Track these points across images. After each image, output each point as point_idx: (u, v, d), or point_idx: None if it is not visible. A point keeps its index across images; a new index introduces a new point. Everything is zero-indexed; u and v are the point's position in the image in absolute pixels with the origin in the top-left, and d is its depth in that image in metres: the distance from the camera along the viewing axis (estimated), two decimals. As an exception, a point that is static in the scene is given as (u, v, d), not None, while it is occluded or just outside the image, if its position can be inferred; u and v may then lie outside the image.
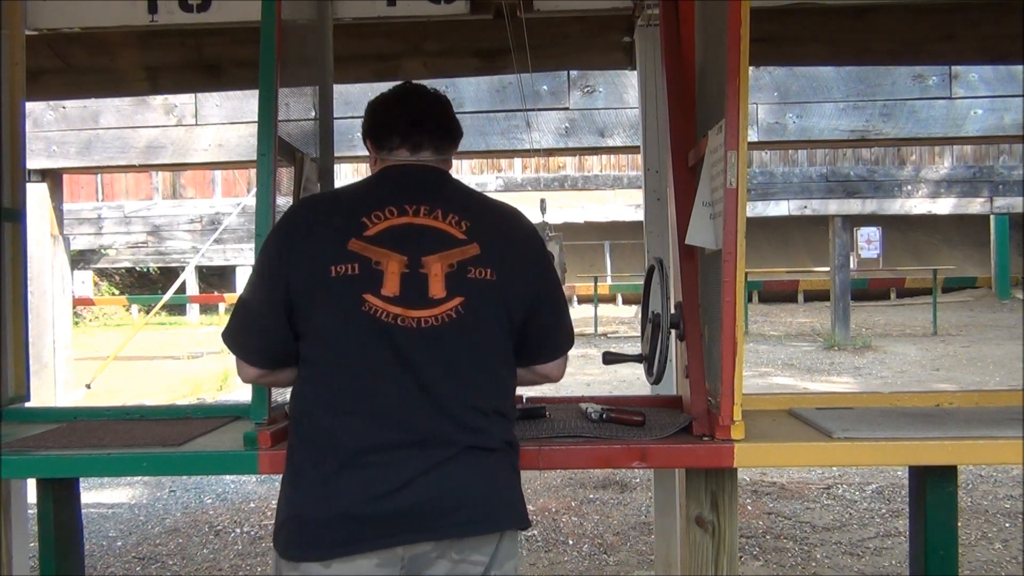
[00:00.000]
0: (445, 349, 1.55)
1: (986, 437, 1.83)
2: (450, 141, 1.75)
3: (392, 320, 1.54)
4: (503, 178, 11.35)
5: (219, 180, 13.12)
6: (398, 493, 1.49)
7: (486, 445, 1.57)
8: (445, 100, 1.78)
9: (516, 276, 1.63)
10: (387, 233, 1.59)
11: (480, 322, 1.58)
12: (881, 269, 17.02)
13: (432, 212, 1.62)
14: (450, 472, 1.53)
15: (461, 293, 1.57)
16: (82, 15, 2.94)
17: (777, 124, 5.56)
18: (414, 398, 1.53)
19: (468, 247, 1.60)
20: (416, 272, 1.57)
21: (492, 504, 1.57)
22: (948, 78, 5.33)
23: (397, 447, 1.51)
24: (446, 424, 1.54)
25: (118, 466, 1.94)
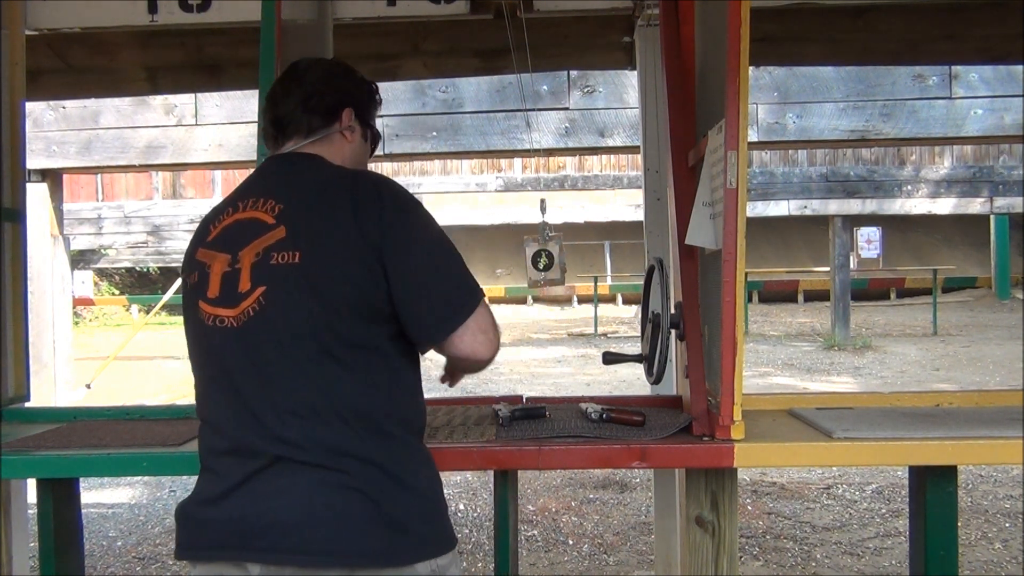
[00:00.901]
0: (254, 346, 1.43)
1: (986, 437, 1.83)
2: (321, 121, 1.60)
3: (213, 323, 1.47)
4: (503, 178, 11.35)
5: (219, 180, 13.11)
6: (223, 501, 1.42)
7: (298, 458, 1.39)
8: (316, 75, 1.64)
9: (333, 254, 1.42)
10: (221, 234, 1.52)
11: (285, 312, 1.42)
12: (881, 269, 17.02)
13: (256, 203, 1.51)
14: (267, 485, 1.40)
15: (263, 282, 1.43)
16: (82, 15, 2.93)
17: (777, 124, 5.56)
18: (228, 403, 1.45)
19: (275, 231, 1.46)
20: (233, 268, 1.47)
21: (317, 532, 1.37)
22: (948, 78, 5.33)
23: (223, 453, 1.45)
24: (257, 431, 1.41)
25: (118, 466, 1.94)
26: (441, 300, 1.46)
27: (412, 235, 1.47)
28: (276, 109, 1.62)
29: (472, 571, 4.02)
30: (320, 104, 1.60)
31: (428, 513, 1.47)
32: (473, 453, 1.82)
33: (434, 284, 1.46)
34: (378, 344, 1.45)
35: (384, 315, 1.45)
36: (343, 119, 1.62)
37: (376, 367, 1.45)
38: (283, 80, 1.66)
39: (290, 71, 1.67)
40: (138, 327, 14.08)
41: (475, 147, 5.57)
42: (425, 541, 1.44)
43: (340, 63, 1.72)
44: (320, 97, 1.61)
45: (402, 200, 1.49)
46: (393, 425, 1.46)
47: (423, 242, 1.48)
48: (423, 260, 1.47)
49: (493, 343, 1.50)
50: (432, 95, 5.36)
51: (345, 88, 1.65)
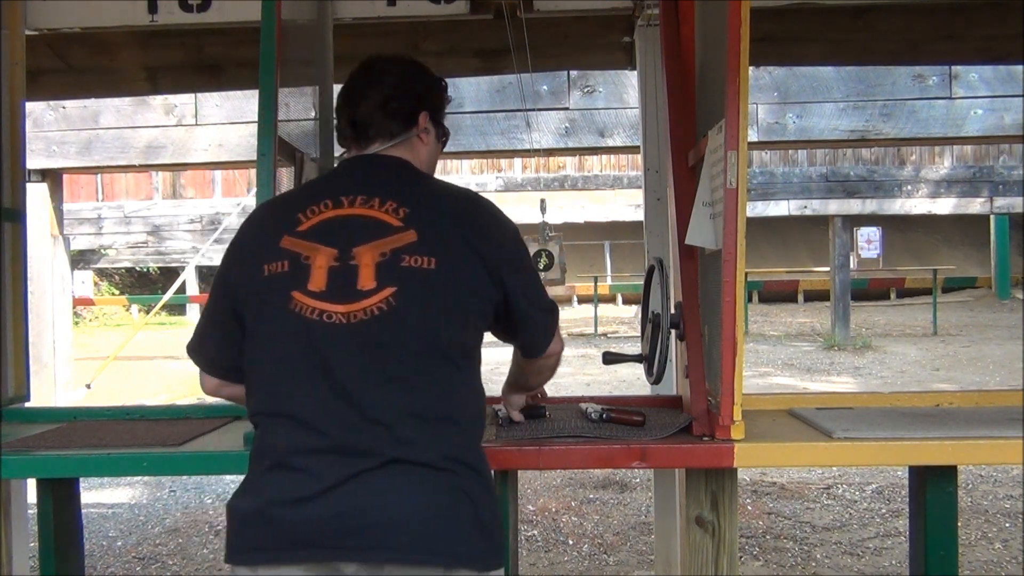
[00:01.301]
0: (375, 345, 1.41)
1: (986, 437, 1.83)
2: (402, 126, 1.63)
3: (317, 317, 1.43)
4: (503, 178, 11.36)
5: (219, 180, 13.13)
6: (316, 500, 1.37)
7: (418, 459, 1.39)
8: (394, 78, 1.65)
9: (465, 264, 1.48)
10: (320, 226, 1.49)
11: (416, 314, 1.43)
12: (881, 269, 17.02)
13: (368, 201, 1.51)
14: (371, 486, 1.37)
15: (393, 283, 1.43)
16: (82, 15, 2.94)
17: (777, 124, 5.56)
18: (332, 402, 1.41)
19: (404, 234, 1.46)
20: (346, 264, 1.45)
21: (419, 532, 1.37)
22: (948, 78, 5.33)
23: (319, 452, 1.39)
24: (369, 431, 1.39)
25: (118, 466, 1.94)
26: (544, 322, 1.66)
27: (521, 264, 1.61)
28: (355, 110, 1.63)
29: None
30: (400, 109, 1.63)
31: (500, 520, 1.51)
32: (473, 453, 1.82)
33: (537, 307, 1.63)
34: (478, 353, 1.55)
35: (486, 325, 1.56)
36: (420, 123, 1.66)
37: (476, 373, 1.54)
38: (360, 79, 1.66)
39: (367, 70, 1.66)
40: (138, 327, 14.08)
41: (475, 147, 5.57)
42: (499, 546, 1.48)
43: (415, 63, 1.71)
44: (399, 101, 1.63)
45: (512, 232, 1.61)
46: (482, 428, 1.56)
47: (527, 270, 1.63)
48: (527, 281, 1.61)
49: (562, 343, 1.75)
50: (432, 95, 5.35)
51: (421, 91, 1.68)
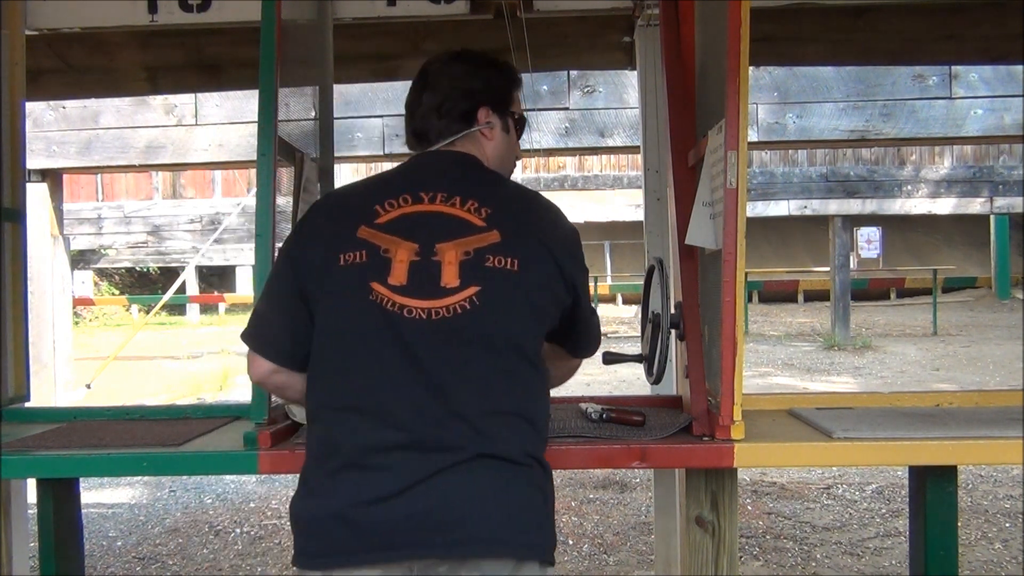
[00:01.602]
0: (457, 343, 1.42)
1: (986, 437, 1.83)
2: (460, 125, 1.64)
3: (399, 311, 1.42)
4: (503, 178, 11.34)
5: (219, 180, 13.14)
6: (396, 499, 1.35)
7: (503, 454, 1.40)
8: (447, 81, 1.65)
9: (544, 267, 1.50)
10: (399, 221, 1.49)
11: (499, 314, 1.44)
12: (881, 269, 17.03)
13: (450, 199, 1.51)
14: (456, 481, 1.36)
15: (477, 282, 1.44)
16: (82, 15, 2.93)
17: (777, 124, 5.56)
18: (418, 396, 1.39)
19: (487, 234, 1.47)
20: (428, 260, 1.45)
21: (504, 525, 1.38)
22: (948, 78, 5.33)
23: (398, 448, 1.37)
24: (453, 426, 1.38)
25: (118, 466, 1.94)
26: (596, 324, 1.77)
27: (585, 269, 1.66)
28: (413, 121, 1.66)
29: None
30: (454, 110, 1.63)
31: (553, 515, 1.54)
32: (473, 453, 1.82)
33: (591, 311, 1.71)
34: (542, 353, 1.56)
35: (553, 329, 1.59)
36: (480, 118, 1.65)
37: (544, 372, 1.56)
38: (415, 88, 1.67)
39: (421, 76, 1.68)
40: (138, 327, 14.09)
41: (475, 147, 5.56)
42: (554, 538, 1.51)
43: (470, 57, 1.70)
44: (453, 102, 1.63)
45: (577, 236, 1.64)
46: (547, 425, 1.57)
47: (587, 275, 1.68)
48: (587, 292, 1.67)
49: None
50: (432, 95, 5.35)
51: (477, 87, 1.66)
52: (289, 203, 2.16)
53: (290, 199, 2.17)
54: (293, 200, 2.18)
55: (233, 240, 13.47)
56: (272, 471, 1.85)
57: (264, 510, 5.07)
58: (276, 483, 5.53)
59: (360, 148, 5.57)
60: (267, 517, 4.93)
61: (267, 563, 4.19)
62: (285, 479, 5.25)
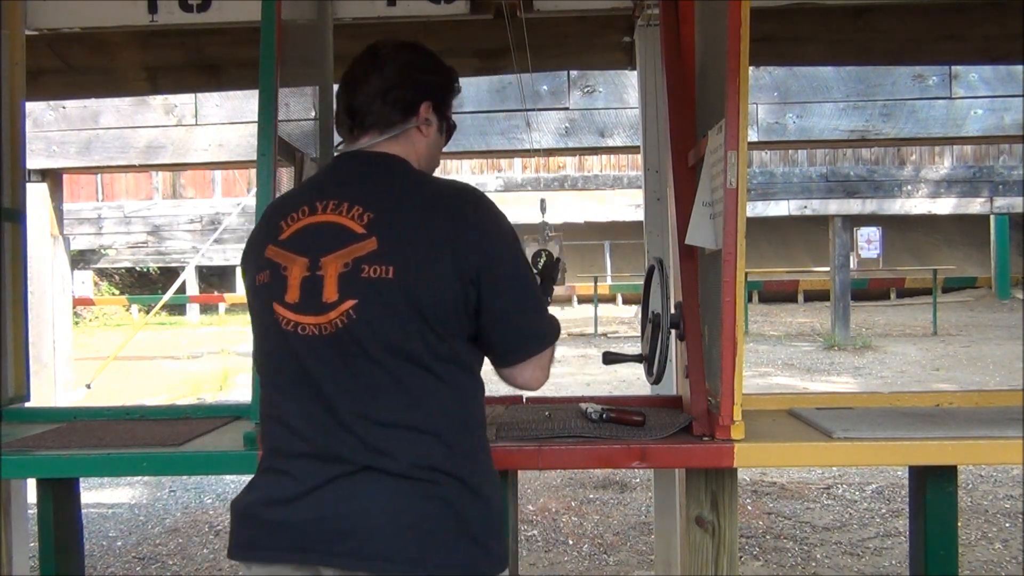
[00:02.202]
0: (344, 357, 1.41)
1: (986, 437, 1.83)
2: (401, 115, 1.55)
3: (294, 329, 1.43)
4: (503, 178, 11.36)
5: (219, 180, 13.14)
6: (296, 503, 1.40)
7: (390, 469, 1.38)
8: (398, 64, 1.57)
9: (432, 267, 1.41)
10: (297, 235, 1.47)
11: (377, 325, 1.40)
12: (881, 269, 17.02)
13: (339, 207, 1.46)
14: (347, 492, 1.38)
15: (353, 295, 1.40)
16: (82, 15, 2.94)
17: (777, 124, 5.56)
18: (313, 409, 1.42)
19: (366, 242, 1.42)
20: (315, 275, 1.43)
21: (391, 541, 1.36)
22: (948, 78, 5.33)
23: (303, 456, 1.42)
24: (343, 439, 1.39)
25: (118, 466, 1.94)
26: (517, 336, 1.53)
27: (506, 260, 1.49)
28: (353, 97, 1.57)
29: (472, 571, 4.01)
30: (400, 98, 1.56)
31: (497, 528, 1.48)
32: (473, 453, 1.82)
33: (516, 319, 1.51)
34: (466, 358, 1.48)
35: (470, 331, 1.48)
36: (420, 113, 1.58)
37: (464, 379, 1.48)
38: (362, 65, 1.58)
39: (370, 56, 1.59)
40: (138, 327, 14.09)
41: (475, 147, 5.57)
42: (498, 558, 1.46)
43: (422, 51, 1.64)
44: (400, 91, 1.56)
45: (497, 222, 1.50)
46: (474, 436, 1.49)
47: (514, 268, 1.51)
48: (513, 288, 1.50)
49: (544, 379, 1.58)
50: (432, 95, 5.34)
51: (425, 81, 1.60)
52: (289, 203, 2.15)
53: (290, 199, 2.17)
54: (293, 200, 2.17)
55: (233, 240, 13.47)
56: (272, 471, 1.85)
57: (264, 510, 5.07)
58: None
59: (360, 148, 5.56)
60: (267, 517, 4.92)
61: (267, 563, 4.19)
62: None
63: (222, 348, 13.10)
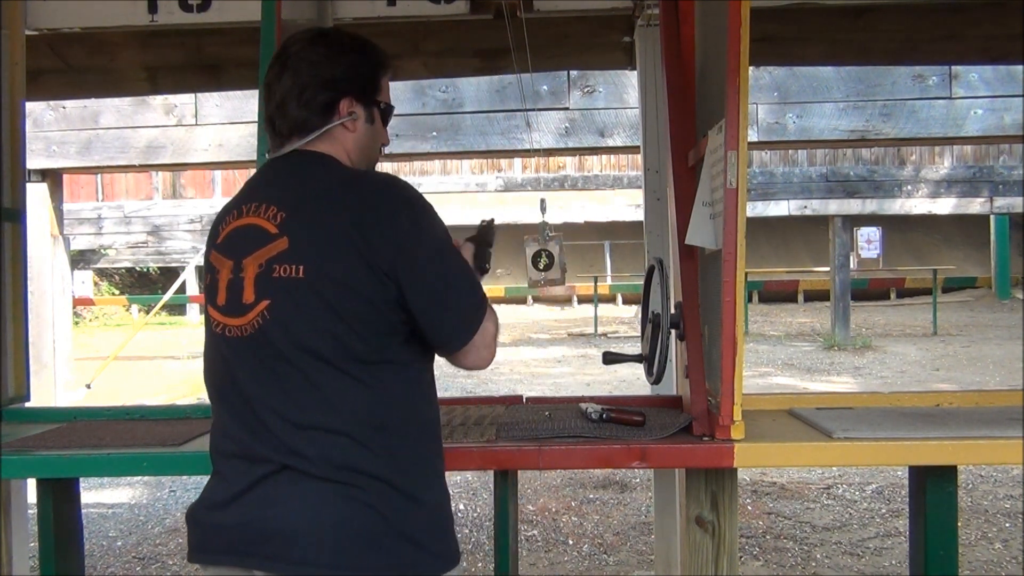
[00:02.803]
0: (261, 358, 1.41)
1: (986, 437, 1.83)
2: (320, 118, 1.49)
3: (222, 331, 1.45)
4: (503, 178, 11.35)
5: (219, 180, 13.12)
6: (230, 506, 1.42)
7: (306, 470, 1.38)
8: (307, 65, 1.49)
9: (342, 264, 1.38)
10: (227, 238, 1.48)
11: (288, 326, 1.39)
12: (881, 269, 17.01)
13: (259, 208, 1.45)
14: (270, 494, 1.39)
15: (267, 295, 1.41)
16: (82, 15, 2.94)
17: (777, 124, 5.56)
18: (239, 410, 1.43)
19: (278, 242, 1.41)
20: (237, 277, 1.44)
21: (317, 543, 1.36)
22: (948, 78, 5.33)
23: (234, 456, 1.44)
24: (265, 438, 1.40)
25: (118, 466, 1.94)
26: (453, 317, 1.46)
27: (423, 247, 1.43)
28: (271, 102, 1.51)
29: (472, 571, 4.02)
30: (314, 100, 1.49)
31: (437, 528, 1.47)
32: (473, 453, 1.82)
33: (446, 300, 1.45)
34: (393, 355, 1.43)
35: (398, 326, 1.42)
36: (341, 111, 1.51)
37: (391, 379, 1.43)
38: (274, 67, 1.52)
39: (282, 53, 1.53)
40: (138, 327, 14.08)
41: (475, 147, 5.57)
42: (435, 556, 1.44)
43: (334, 41, 1.54)
44: (313, 91, 1.49)
45: (411, 208, 1.44)
46: (405, 435, 1.44)
47: (434, 254, 1.45)
48: (434, 274, 1.44)
49: (492, 356, 1.52)
50: (432, 95, 5.35)
51: (339, 75, 1.51)
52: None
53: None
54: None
55: (233, 240, 13.43)
56: (272, 471, 1.85)
57: (264, 510, 5.07)
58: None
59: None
60: (267, 517, 4.93)
61: (267, 563, 4.19)
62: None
63: (222, 348, 13.05)
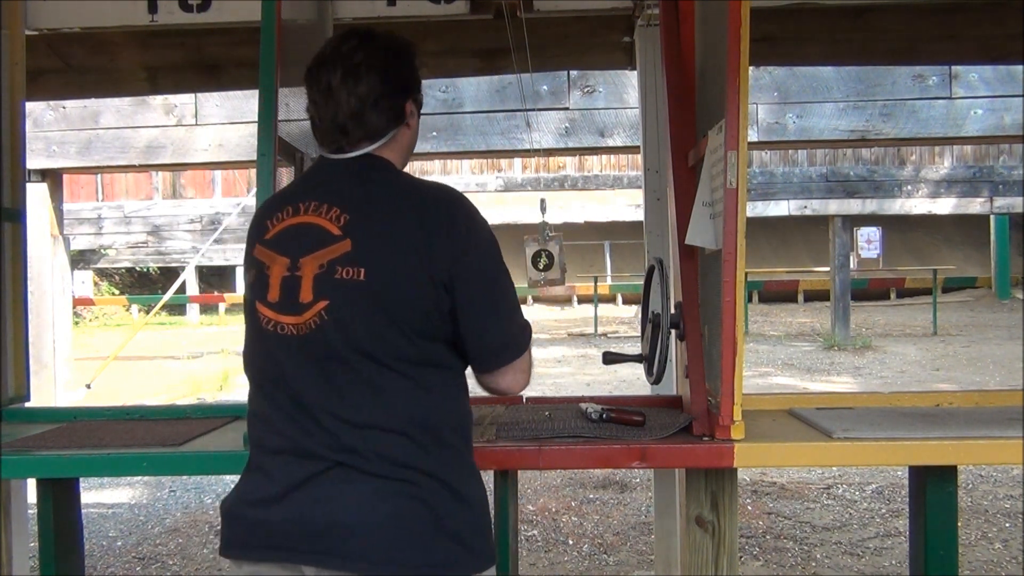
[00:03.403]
0: (314, 357, 1.42)
1: (986, 437, 1.83)
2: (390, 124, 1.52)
3: (273, 328, 1.45)
4: (503, 178, 11.35)
5: (219, 180, 13.13)
6: (278, 503, 1.42)
7: (360, 467, 1.39)
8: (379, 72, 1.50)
9: (399, 274, 1.42)
10: (280, 235, 1.49)
11: (346, 327, 1.41)
12: (881, 269, 17.02)
13: (319, 208, 1.47)
14: (322, 491, 1.39)
15: (326, 296, 1.42)
16: (82, 15, 2.93)
17: (777, 124, 5.56)
18: (289, 406, 1.44)
19: (341, 244, 1.43)
20: (294, 275, 1.45)
21: (371, 539, 1.37)
22: (948, 78, 5.32)
23: (279, 452, 1.44)
24: (317, 436, 1.41)
25: (118, 466, 1.94)
26: (496, 340, 1.51)
27: (481, 268, 1.48)
28: (335, 107, 1.50)
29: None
30: (391, 107, 1.52)
31: (480, 526, 1.49)
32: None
33: (492, 323, 1.50)
34: (440, 359, 1.48)
35: (447, 334, 1.47)
36: (407, 112, 1.56)
37: (438, 380, 1.47)
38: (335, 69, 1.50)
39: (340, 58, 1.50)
40: (138, 327, 14.08)
41: (475, 147, 5.56)
42: (478, 554, 1.46)
43: (388, 41, 1.55)
44: (390, 99, 1.52)
45: (477, 234, 1.49)
46: (453, 435, 1.48)
47: (489, 278, 1.50)
48: (487, 296, 1.49)
49: (525, 382, 1.57)
50: (432, 95, 5.35)
51: (405, 78, 1.55)
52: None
53: (290, 199, 2.16)
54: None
55: (233, 240, 13.47)
56: (272, 471, 1.85)
57: (264, 510, 5.07)
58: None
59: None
60: (267, 517, 4.93)
61: (267, 563, 4.19)
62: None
63: (222, 348, 13.09)
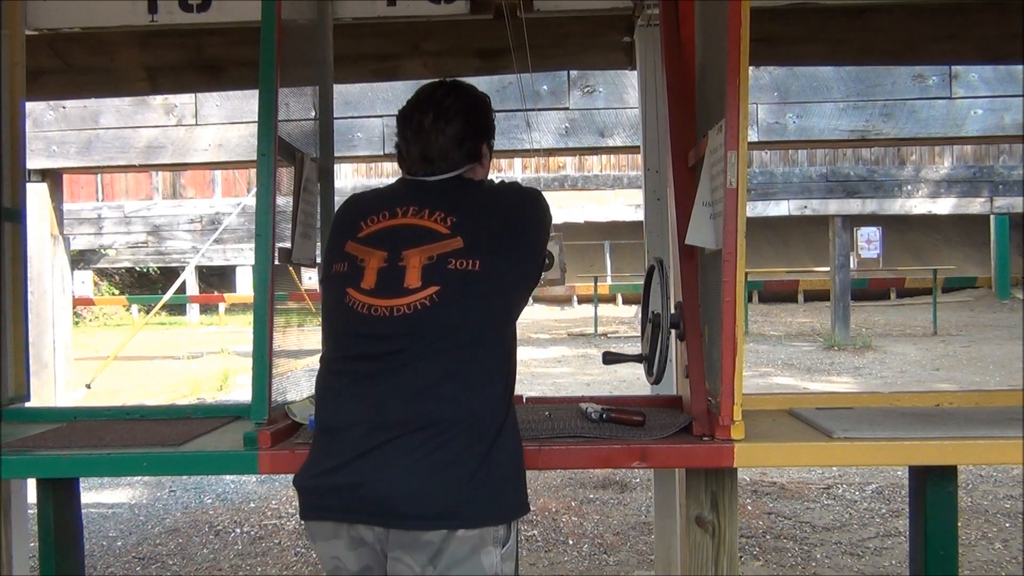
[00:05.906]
0: (416, 335, 1.62)
1: (986, 437, 1.83)
2: (467, 161, 1.80)
3: (367, 311, 1.66)
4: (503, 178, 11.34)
5: (219, 180, 13.12)
6: (341, 470, 1.60)
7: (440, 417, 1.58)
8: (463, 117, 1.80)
9: (510, 261, 1.70)
10: (376, 233, 1.73)
11: (457, 308, 1.63)
12: (881, 269, 17.03)
13: (420, 212, 1.72)
14: (385, 460, 1.57)
15: (437, 283, 1.64)
16: (82, 15, 2.93)
17: (777, 124, 5.55)
18: (369, 382, 1.63)
19: (451, 241, 1.68)
20: (394, 265, 1.67)
21: (427, 497, 1.56)
22: (948, 78, 5.32)
23: (352, 425, 1.62)
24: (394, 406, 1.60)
25: (118, 466, 1.94)
26: None
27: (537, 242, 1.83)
28: (427, 145, 1.77)
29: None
30: (470, 148, 1.80)
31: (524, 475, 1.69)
32: (473, 453, 1.82)
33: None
34: (510, 338, 1.72)
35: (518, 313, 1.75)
36: (482, 152, 1.84)
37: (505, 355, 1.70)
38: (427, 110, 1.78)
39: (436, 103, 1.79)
40: (138, 327, 14.08)
41: (475, 147, 5.55)
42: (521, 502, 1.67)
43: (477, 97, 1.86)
44: (470, 142, 1.80)
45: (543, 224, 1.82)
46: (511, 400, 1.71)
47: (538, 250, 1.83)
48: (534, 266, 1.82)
49: None
50: (432, 95, 5.33)
51: (484, 125, 1.86)
52: (289, 203, 2.16)
53: (290, 199, 2.17)
54: (293, 200, 2.18)
55: (233, 240, 13.47)
56: (272, 471, 1.85)
57: (264, 510, 5.07)
58: (276, 483, 5.53)
59: (360, 148, 5.56)
60: (267, 517, 4.92)
61: (267, 563, 4.18)
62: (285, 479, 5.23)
63: (222, 348, 13.09)
